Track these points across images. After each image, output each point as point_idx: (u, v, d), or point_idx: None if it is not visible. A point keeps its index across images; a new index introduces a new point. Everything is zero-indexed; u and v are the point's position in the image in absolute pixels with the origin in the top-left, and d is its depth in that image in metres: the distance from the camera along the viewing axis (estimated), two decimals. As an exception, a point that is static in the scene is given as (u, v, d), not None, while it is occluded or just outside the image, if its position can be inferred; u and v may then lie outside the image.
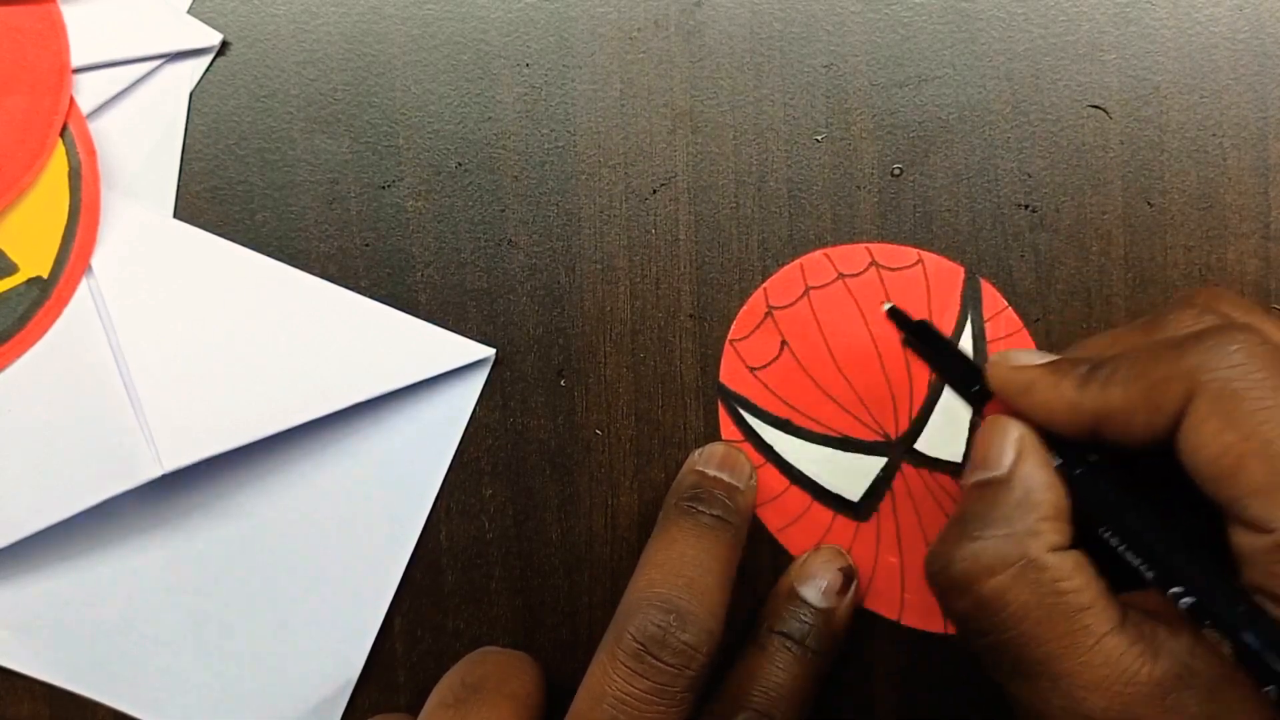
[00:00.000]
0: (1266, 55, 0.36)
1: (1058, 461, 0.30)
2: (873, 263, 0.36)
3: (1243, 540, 0.26)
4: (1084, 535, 0.29)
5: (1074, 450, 0.29)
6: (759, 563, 0.36)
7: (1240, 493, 0.26)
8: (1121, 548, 0.28)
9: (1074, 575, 0.28)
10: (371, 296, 0.36)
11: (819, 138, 0.36)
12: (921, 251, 0.36)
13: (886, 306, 0.36)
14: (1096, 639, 0.27)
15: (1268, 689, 0.24)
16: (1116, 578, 0.28)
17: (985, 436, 0.30)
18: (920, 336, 0.35)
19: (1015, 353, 0.31)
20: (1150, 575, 0.27)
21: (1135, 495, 0.28)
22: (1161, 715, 0.26)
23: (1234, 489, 0.26)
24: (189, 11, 0.35)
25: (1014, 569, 0.28)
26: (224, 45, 0.36)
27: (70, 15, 0.34)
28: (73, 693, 0.36)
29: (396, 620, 0.36)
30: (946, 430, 0.36)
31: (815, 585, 0.35)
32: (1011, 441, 0.30)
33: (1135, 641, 0.27)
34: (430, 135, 0.36)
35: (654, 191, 0.36)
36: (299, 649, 0.36)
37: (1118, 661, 0.27)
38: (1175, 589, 0.26)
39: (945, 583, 0.29)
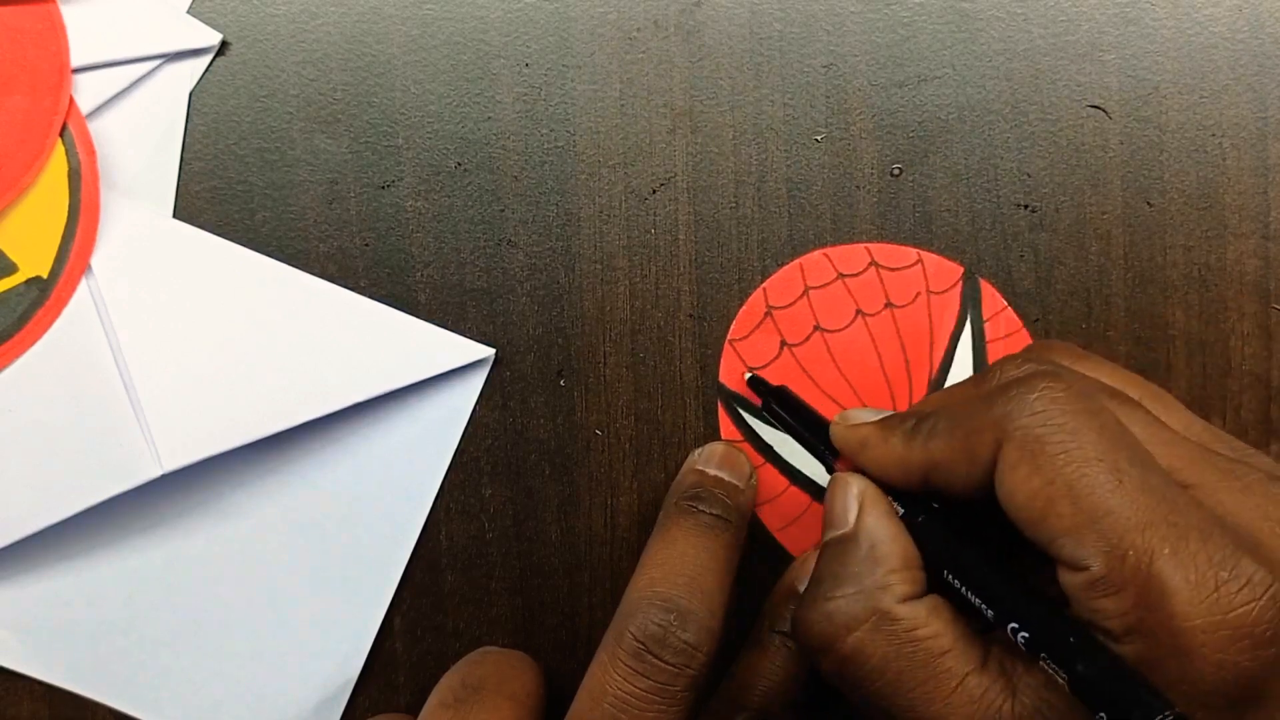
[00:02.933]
0: (1266, 55, 0.36)
1: (902, 512, 0.30)
2: (872, 263, 0.36)
3: (1064, 578, 0.27)
4: (943, 585, 0.29)
5: (915, 500, 0.30)
6: (759, 563, 0.36)
7: (1053, 534, 0.26)
8: (963, 589, 0.29)
9: (930, 621, 0.28)
10: (371, 296, 0.36)
11: (819, 138, 0.36)
12: (921, 251, 0.36)
13: (747, 376, 0.36)
14: (958, 680, 0.28)
15: (1099, 716, 0.25)
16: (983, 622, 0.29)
17: (830, 494, 0.31)
18: (778, 401, 0.35)
19: (854, 412, 0.33)
20: (990, 614, 0.28)
21: (974, 539, 0.29)
22: None
23: (1047, 531, 0.26)
24: (189, 11, 0.35)
25: (869, 624, 0.29)
26: (224, 45, 0.36)
27: (70, 15, 0.34)
28: (73, 693, 0.36)
29: (396, 620, 0.36)
30: (946, 430, 0.36)
31: (815, 585, 0.35)
32: (853, 497, 0.31)
33: (996, 679, 0.28)
34: (430, 135, 0.36)
35: (654, 191, 0.36)
36: (299, 649, 0.36)
37: (980, 700, 0.27)
38: (1012, 624, 0.27)
39: (808, 645, 0.30)
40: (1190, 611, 0.25)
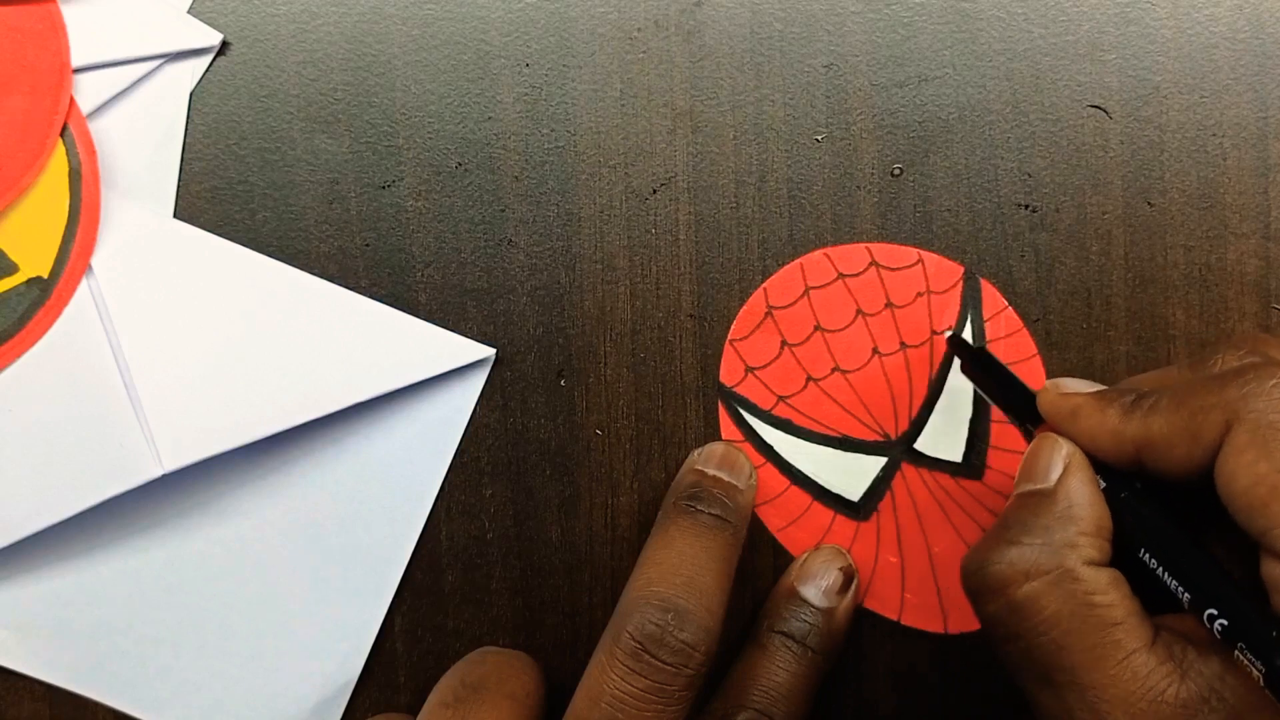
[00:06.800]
0: (1266, 55, 0.36)
1: (1103, 485, 0.30)
2: (873, 262, 0.36)
3: (1273, 570, 0.26)
4: (1124, 561, 0.29)
5: (1119, 476, 0.30)
6: (759, 563, 0.36)
7: (1272, 523, 0.26)
8: (1160, 570, 0.28)
9: (1108, 590, 0.28)
10: (371, 296, 0.36)
11: (819, 138, 0.36)
12: (921, 251, 0.36)
13: (948, 334, 0.36)
14: (1126, 654, 0.27)
15: None
16: (1152, 604, 0.28)
17: (1035, 450, 0.31)
18: (980, 364, 0.35)
19: (1065, 381, 0.32)
20: (1186, 597, 0.28)
21: (1176, 521, 0.29)
22: None
23: (1264, 519, 0.26)
24: (189, 11, 0.35)
25: (1049, 577, 0.28)
26: (224, 45, 0.36)
27: (70, 15, 0.35)
28: (73, 693, 0.36)
29: (396, 620, 0.36)
30: (946, 430, 0.36)
31: (816, 585, 0.35)
32: (1061, 457, 0.30)
33: (1164, 661, 0.27)
34: (430, 135, 0.36)
35: (654, 191, 0.36)
36: (299, 649, 0.36)
37: (1145, 679, 0.27)
38: (1211, 611, 0.27)
39: (979, 584, 0.30)
40: None
